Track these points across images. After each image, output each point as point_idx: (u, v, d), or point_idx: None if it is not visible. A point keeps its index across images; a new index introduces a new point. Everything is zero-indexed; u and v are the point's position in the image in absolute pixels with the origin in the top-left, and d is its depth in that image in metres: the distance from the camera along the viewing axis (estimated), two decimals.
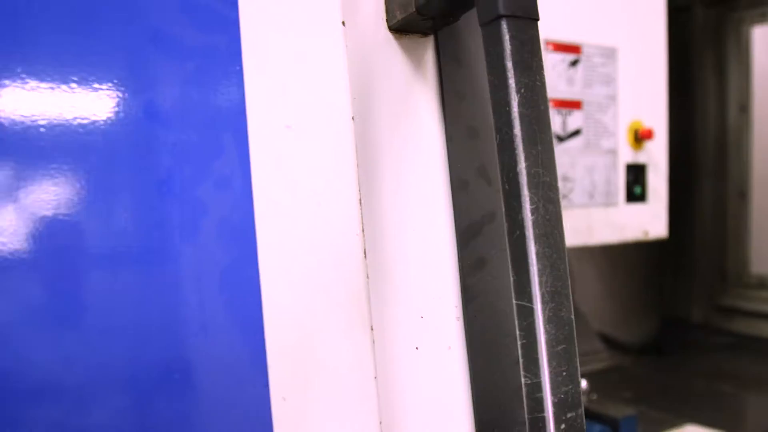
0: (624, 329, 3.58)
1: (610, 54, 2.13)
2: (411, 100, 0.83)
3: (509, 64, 0.66)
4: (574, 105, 2.06)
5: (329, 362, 0.72)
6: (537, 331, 0.66)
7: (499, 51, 0.66)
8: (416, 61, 0.83)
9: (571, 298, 0.69)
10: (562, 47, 2.04)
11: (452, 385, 0.83)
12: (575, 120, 2.07)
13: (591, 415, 1.95)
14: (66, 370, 0.64)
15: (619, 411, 1.94)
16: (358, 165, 0.75)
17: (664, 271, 3.70)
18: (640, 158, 2.20)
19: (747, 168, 3.37)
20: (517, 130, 0.65)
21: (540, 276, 0.66)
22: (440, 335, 0.82)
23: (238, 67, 0.72)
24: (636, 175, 2.19)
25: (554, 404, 0.67)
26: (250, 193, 0.71)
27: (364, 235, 0.74)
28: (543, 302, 0.66)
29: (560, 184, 2.03)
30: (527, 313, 0.66)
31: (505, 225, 0.67)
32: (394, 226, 0.80)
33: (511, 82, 0.65)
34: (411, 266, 0.81)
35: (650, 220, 2.23)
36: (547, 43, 2.01)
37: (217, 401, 0.69)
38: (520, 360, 0.68)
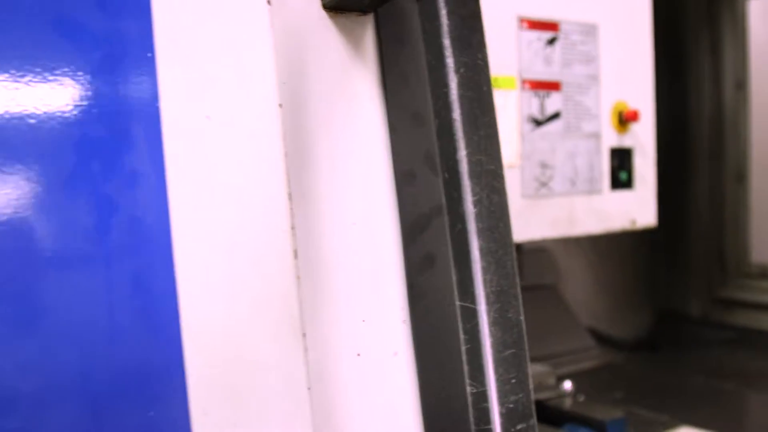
0: (617, 324, 3.58)
1: (590, 31, 2.12)
2: (349, 85, 0.81)
3: (447, 42, 0.64)
4: (552, 86, 2.06)
5: (256, 372, 0.70)
6: (481, 335, 0.65)
7: (435, 27, 0.65)
8: (354, 42, 0.82)
9: (519, 297, 0.68)
10: (537, 25, 2.03)
11: (399, 394, 0.82)
12: (554, 102, 2.06)
13: (576, 419, 1.94)
14: None
15: (606, 413, 1.94)
16: (287, 156, 0.74)
17: (659, 262, 3.70)
18: (626, 142, 2.20)
19: (745, 149, 3.37)
20: (457, 113, 0.64)
21: (484, 274, 0.65)
22: (385, 340, 0.81)
23: (150, 54, 0.70)
24: (621, 159, 2.18)
25: (502, 415, 0.65)
26: (165, 189, 0.69)
27: (294, 233, 0.73)
28: (488, 303, 0.65)
29: (539, 170, 2.02)
30: (470, 316, 0.65)
31: (446, 218, 0.66)
32: (331, 222, 0.78)
33: (449, 61, 0.64)
34: (351, 265, 0.80)
35: (637, 207, 2.23)
36: (521, 20, 2.00)
37: (128, 418, 0.68)
38: (465, 367, 0.66)
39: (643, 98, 2.22)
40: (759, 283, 3.37)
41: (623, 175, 2.18)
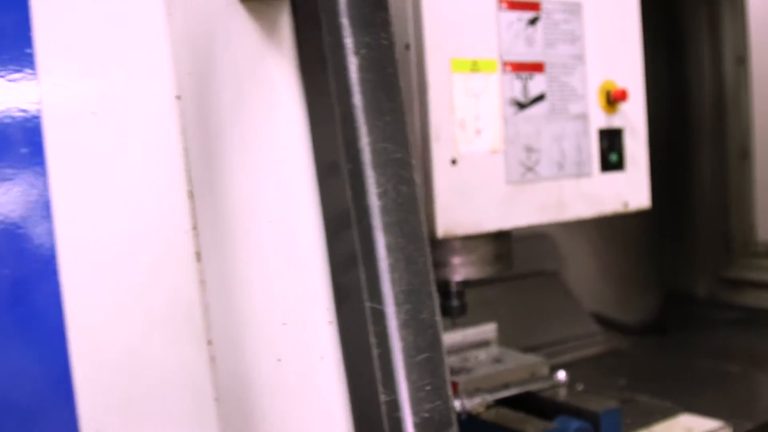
0: (623, 308, 3.51)
1: (573, 9, 2.05)
2: (263, 73, 0.76)
3: (345, 21, 0.58)
4: (535, 68, 1.99)
5: (155, 385, 0.65)
6: (391, 339, 0.59)
7: (332, 4, 0.59)
8: (269, 28, 0.76)
9: (435, 296, 0.63)
10: (517, 5, 1.96)
11: (326, 400, 0.76)
12: (537, 84, 2.00)
13: (570, 411, 1.88)
14: None
15: (600, 404, 1.88)
16: (190, 151, 0.68)
17: (664, 243, 3.62)
18: (615, 122, 2.13)
19: (748, 125, 3.28)
20: (357, 98, 0.58)
21: (391, 272, 0.59)
22: (309, 344, 0.75)
23: (29, 50, 0.65)
24: (611, 141, 2.11)
25: (416, 425, 0.60)
26: (47, 191, 0.64)
27: (197, 233, 0.68)
28: (396, 304, 0.59)
29: (524, 154, 1.96)
30: (379, 317, 0.60)
31: (352, 213, 0.61)
32: (244, 219, 0.73)
33: (348, 41, 0.58)
34: (268, 265, 0.74)
35: (630, 189, 2.16)
36: (501, 0, 1.93)
37: None
38: (377, 373, 0.61)
39: (632, 77, 2.15)
40: (765, 262, 3.29)
41: (613, 157, 2.11)
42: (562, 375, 2.00)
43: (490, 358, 2.03)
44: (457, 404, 1.79)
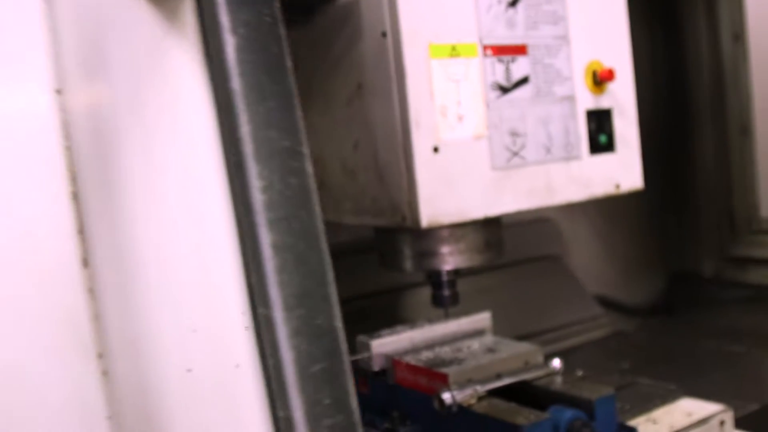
0: (628, 290, 3.42)
1: None
2: (164, 63, 0.69)
3: None
4: (517, 50, 1.91)
5: (38, 403, 0.59)
6: (281, 349, 0.52)
7: None
8: (170, 14, 0.69)
9: (333, 299, 0.55)
10: None
11: (241, 412, 0.69)
12: (521, 67, 1.91)
13: (564, 399, 1.80)
14: None
15: (594, 392, 1.80)
16: (72, 150, 0.61)
17: (668, 224, 3.53)
18: (603, 103, 2.04)
19: (747, 101, 3.18)
20: (236, 82, 0.51)
21: (279, 274, 0.52)
22: (222, 351, 0.68)
23: None
24: (599, 122, 2.03)
25: None
26: None
27: (83, 238, 0.61)
28: (286, 309, 0.52)
29: (509, 139, 1.88)
30: (269, 324, 0.52)
31: (236, 209, 0.53)
32: (145, 221, 0.66)
33: (224, 19, 0.51)
34: (174, 267, 0.67)
35: (621, 171, 2.08)
36: None
37: None
38: (273, 386, 0.54)
39: (619, 56, 2.06)
40: None
41: (603, 138, 2.02)
42: (556, 363, 1.92)
43: (484, 348, 1.96)
44: (447, 396, 1.72)
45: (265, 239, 0.52)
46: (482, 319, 2.11)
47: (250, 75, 0.51)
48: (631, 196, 3.43)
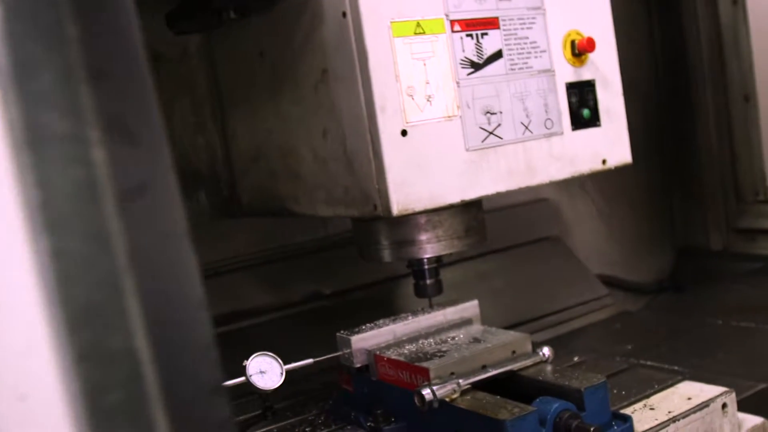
0: (633, 269, 3.29)
1: None
2: None
3: None
4: (488, 24, 1.78)
5: None
6: (64, 378, 0.41)
7: None
8: None
9: (133, 313, 0.44)
10: None
11: None
12: (493, 41, 1.79)
13: (551, 390, 1.69)
14: None
15: (584, 380, 1.68)
16: None
17: (672, 198, 3.38)
18: (585, 75, 1.91)
19: (748, 67, 3.02)
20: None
21: (59, 286, 0.41)
22: (7, 379, 0.55)
23: None
24: (581, 95, 1.90)
25: None
26: None
27: None
28: (69, 329, 0.41)
29: (483, 118, 1.76)
30: (50, 348, 0.41)
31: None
32: None
33: None
34: None
35: (607, 146, 1.95)
36: None
37: None
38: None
39: (600, 24, 1.93)
40: None
41: (585, 112, 1.90)
42: (546, 351, 1.80)
43: (469, 339, 1.84)
44: (426, 393, 1.61)
45: (42, 245, 0.41)
46: (469, 307, 1.99)
47: (17, 47, 0.41)
48: (632, 172, 3.29)
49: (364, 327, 1.88)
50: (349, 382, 1.94)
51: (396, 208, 1.64)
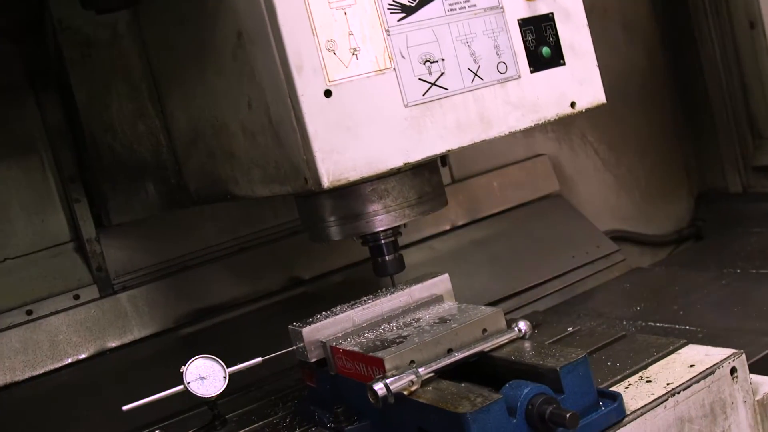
0: (650, 221, 2.98)
1: None
2: None
3: None
4: None
5: None
6: None
7: None
8: None
9: None
10: None
11: None
12: None
13: (526, 371, 1.43)
14: None
15: (560, 358, 1.41)
16: None
17: (683, 139, 3.05)
18: (540, 8, 1.64)
19: None
20: None
21: None
22: None
23: None
24: (538, 32, 1.62)
25: None
26: None
27: None
28: None
29: (422, 68, 1.50)
30: None
31: None
32: None
33: None
34: None
35: (575, 86, 1.67)
36: None
37: None
38: None
39: None
40: None
41: (545, 51, 1.62)
42: (522, 326, 1.54)
43: (435, 319, 1.58)
44: (379, 388, 1.36)
45: None
46: (439, 283, 1.73)
47: None
48: (637, 116, 2.98)
49: (319, 316, 1.64)
50: (312, 379, 1.70)
51: (326, 180, 1.39)
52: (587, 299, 2.34)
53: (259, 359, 1.59)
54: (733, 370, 1.54)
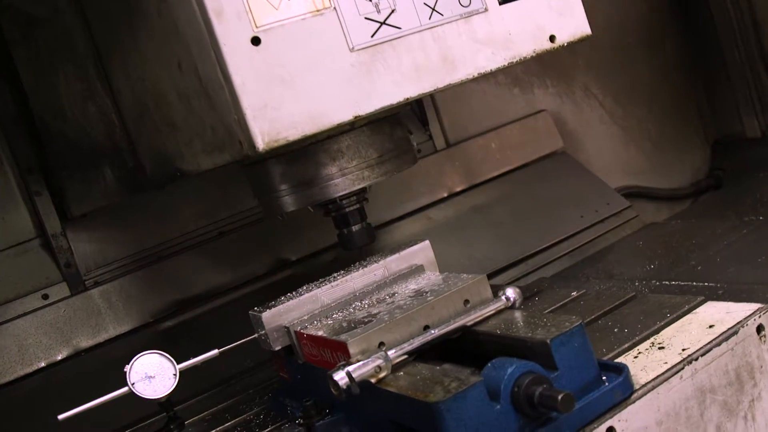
0: (665, 174, 2.68)
1: None
2: None
3: None
4: None
5: None
6: None
7: None
8: None
9: None
10: None
11: None
12: None
13: (510, 347, 1.17)
14: None
15: (551, 328, 1.15)
16: None
17: (696, 85, 2.74)
18: None
19: None
20: None
21: None
22: None
23: None
24: None
25: None
26: None
27: None
28: None
29: (369, 5, 1.24)
30: None
31: None
32: None
33: None
34: None
35: (552, 17, 1.39)
36: None
37: None
38: None
39: None
40: None
41: None
42: (510, 293, 1.28)
43: (410, 293, 1.32)
44: (340, 377, 1.11)
45: None
46: (419, 252, 1.46)
47: None
48: (644, 62, 2.67)
49: (282, 298, 1.39)
50: (283, 369, 1.46)
51: (261, 141, 1.14)
52: (597, 261, 2.06)
53: (216, 351, 1.34)
54: (759, 328, 1.27)
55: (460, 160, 2.30)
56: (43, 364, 1.82)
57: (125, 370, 1.29)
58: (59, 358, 1.83)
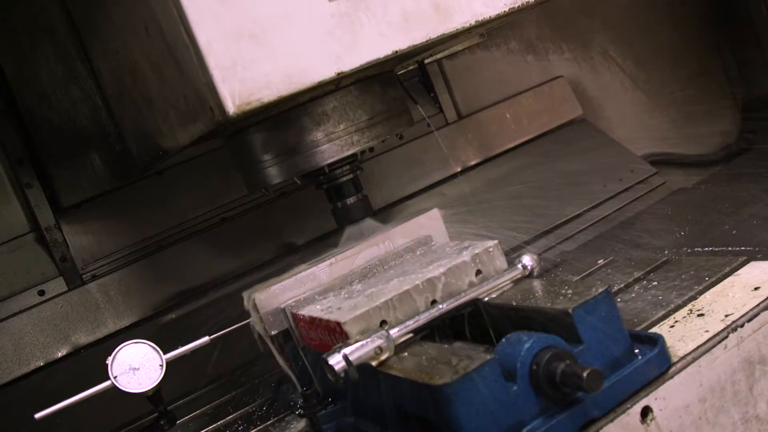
0: (693, 139, 2.49)
1: None
2: None
3: None
4: None
5: None
6: None
7: None
8: None
9: None
10: None
11: None
12: None
13: (528, 319, 1.01)
14: None
15: (574, 297, 0.99)
16: None
17: (721, 45, 2.54)
18: None
19: None
20: None
21: None
22: None
23: None
24: None
25: None
26: None
27: None
28: None
29: None
30: None
31: None
32: None
33: None
34: None
35: None
36: None
37: None
38: None
39: None
40: None
41: None
42: (527, 261, 1.13)
43: (418, 265, 1.16)
44: (336, 361, 0.96)
45: None
46: (426, 222, 1.31)
47: None
48: (666, 23, 2.48)
49: (277, 278, 1.24)
50: (284, 355, 1.31)
51: (232, 103, 0.99)
52: (623, 231, 1.88)
53: (207, 338, 1.20)
54: None
55: (474, 132, 2.14)
56: (41, 363, 1.70)
57: (107, 362, 1.16)
58: (58, 356, 1.71)
